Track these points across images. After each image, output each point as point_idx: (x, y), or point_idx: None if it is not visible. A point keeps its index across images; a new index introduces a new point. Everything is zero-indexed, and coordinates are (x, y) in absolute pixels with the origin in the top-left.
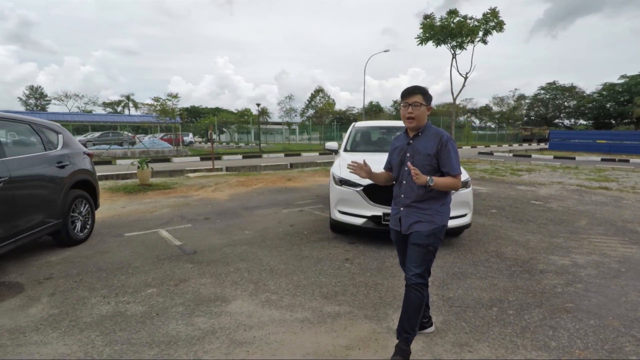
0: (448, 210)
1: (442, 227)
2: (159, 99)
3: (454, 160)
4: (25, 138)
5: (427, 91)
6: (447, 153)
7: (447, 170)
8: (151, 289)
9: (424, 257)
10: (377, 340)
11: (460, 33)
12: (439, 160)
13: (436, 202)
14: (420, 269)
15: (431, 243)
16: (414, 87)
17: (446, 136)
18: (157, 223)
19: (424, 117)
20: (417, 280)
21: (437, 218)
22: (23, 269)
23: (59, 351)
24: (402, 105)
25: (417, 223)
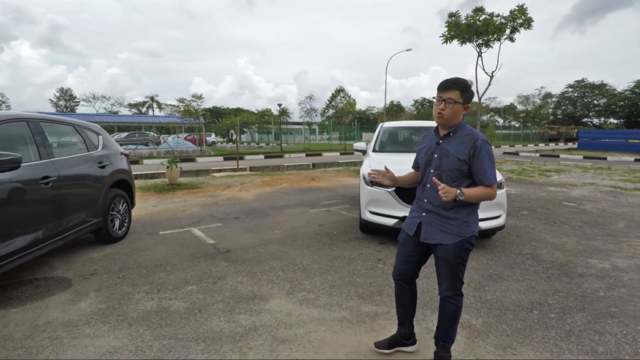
0: (476, 218)
1: (471, 238)
2: (184, 100)
3: (489, 168)
4: (70, 139)
5: (467, 87)
6: (481, 159)
7: (481, 178)
8: (191, 286)
9: (454, 270)
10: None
11: (486, 31)
12: (471, 167)
13: (463, 210)
14: (451, 282)
15: (459, 255)
16: (453, 80)
17: (481, 139)
18: (189, 222)
19: (457, 116)
20: (451, 293)
21: (465, 229)
22: (68, 265)
23: (112, 344)
24: (436, 98)
25: (441, 234)
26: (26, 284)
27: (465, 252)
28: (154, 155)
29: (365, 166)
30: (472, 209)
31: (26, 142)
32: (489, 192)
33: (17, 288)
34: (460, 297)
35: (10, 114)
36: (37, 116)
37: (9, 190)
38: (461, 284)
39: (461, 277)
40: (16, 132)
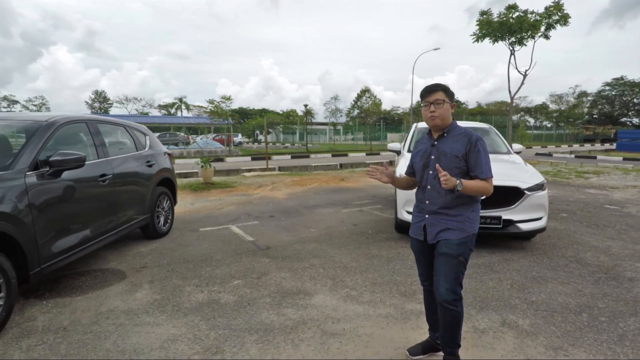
0: (478, 217)
1: (473, 236)
2: (214, 101)
3: (484, 163)
4: (121, 139)
5: (448, 88)
6: (476, 154)
7: (477, 173)
8: (237, 280)
9: (455, 269)
10: (465, 338)
11: (520, 29)
12: (467, 163)
13: (466, 208)
14: (451, 284)
15: (462, 253)
16: (434, 84)
17: (475, 136)
18: (227, 219)
19: (448, 116)
20: (449, 297)
21: (468, 225)
22: (120, 258)
23: (171, 332)
24: (422, 105)
25: (445, 231)
26: (85, 274)
27: (467, 251)
28: (184, 155)
29: (400, 166)
30: (475, 206)
31: (86, 142)
32: (485, 185)
33: (77, 278)
34: (460, 301)
35: (72, 116)
36: (94, 117)
37: (76, 187)
38: (461, 287)
39: (461, 278)
40: (77, 133)
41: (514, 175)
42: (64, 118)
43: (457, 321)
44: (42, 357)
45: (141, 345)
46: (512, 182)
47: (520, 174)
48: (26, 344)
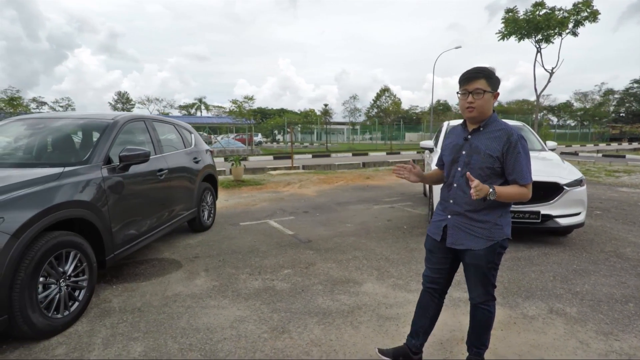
0: (509, 220)
1: (503, 241)
2: (237, 101)
3: (524, 166)
4: (172, 137)
5: (492, 73)
6: (515, 156)
7: (515, 177)
8: (286, 270)
9: (486, 277)
10: (515, 323)
11: (547, 26)
12: (504, 165)
13: (494, 212)
14: (484, 289)
15: (491, 260)
16: (476, 69)
17: (517, 135)
18: (263, 215)
19: (488, 107)
20: (483, 299)
21: (496, 233)
22: (172, 249)
23: (236, 314)
24: (460, 93)
25: (469, 239)
26: (143, 263)
27: (498, 257)
28: None
29: (433, 164)
30: (505, 210)
31: (144, 139)
32: (524, 192)
33: (137, 266)
34: (493, 302)
35: (133, 114)
36: (149, 116)
37: (140, 180)
38: (494, 287)
39: (493, 281)
40: (137, 130)
41: (552, 171)
42: (126, 116)
43: (487, 321)
44: (125, 333)
45: (213, 325)
46: (551, 178)
47: (559, 170)
48: (109, 322)
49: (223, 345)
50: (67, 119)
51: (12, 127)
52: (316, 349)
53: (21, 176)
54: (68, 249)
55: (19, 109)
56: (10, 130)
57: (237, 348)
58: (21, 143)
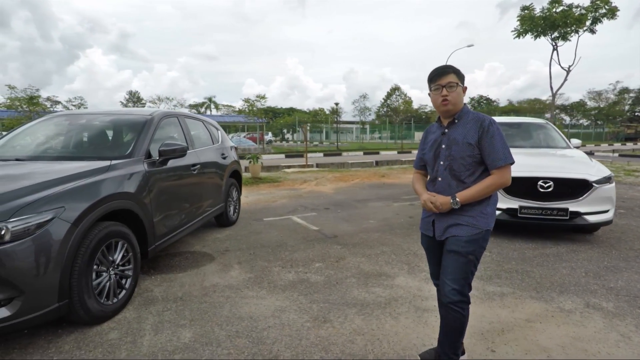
0: (493, 211)
1: (487, 233)
2: (249, 100)
3: (500, 147)
4: (201, 133)
5: (459, 70)
6: (490, 139)
7: (493, 159)
8: (317, 263)
9: (464, 269)
10: (553, 316)
11: (565, 23)
12: (481, 150)
13: (479, 202)
14: (458, 284)
15: (472, 251)
16: (445, 66)
17: (488, 119)
18: (285, 211)
19: (460, 100)
20: (455, 298)
21: (481, 221)
22: (202, 243)
23: (276, 304)
24: (433, 89)
25: (454, 226)
26: (177, 256)
27: (479, 249)
28: None
29: None
30: (490, 200)
31: (178, 134)
32: (495, 180)
33: (171, 259)
34: (467, 305)
35: (167, 111)
36: (182, 113)
37: (177, 174)
38: (469, 288)
39: (470, 279)
40: (172, 125)
41: (580, 168)
42: (162, 113)
43: (460, 325)
44: (172, 320)
45: (255, 314)
46: (579, 175)
47: (587, 167)
48: (154, 309)
49: (269, 332)
50: (107, 114)
51: (55, 123)
52: (360, 338)
53: (73, 168)
54: (117, 238)
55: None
56: (54, 125)
57: (283, 336)
58: (67, 137)
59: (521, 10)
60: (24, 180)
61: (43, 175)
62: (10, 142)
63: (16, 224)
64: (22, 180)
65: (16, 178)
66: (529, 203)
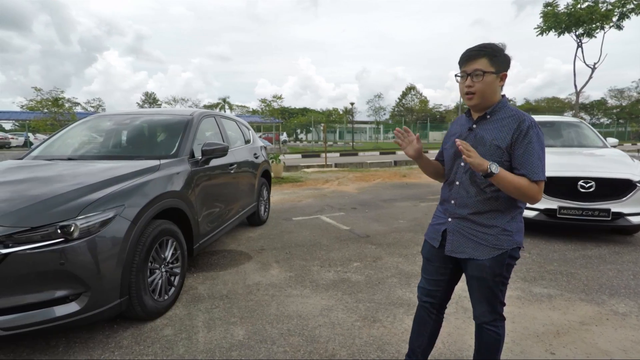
0: (521, 226)
1: (514, 251)
2: (265, 100)
3: (537, 159)
4: (235, 133)
5: (498, 50)
6: (526, 146)
7: (525, 172)
8: (355, 263)
9: (492, 292)
10: (608, 319)
11: (590, 19)
12: (513, 157)
13: (502, 216)
14: (490, 305)
15: (499, 273)
16: (478, 47)
17: (529, 121)
18: (312, 210)
19: (492, 91)
20: (489, 318)
21: (505, 240)
22: (236, 242)
23: (322, 303)
24: (459, 75)
25: (473, 246)
26: (214, 254)
27: (507, 269)
28: None
29: None
30: (515, 213)
31: (216, 134)
32: (534, 189)
33: (209, 257)
34: (501, 322)
35: (205, 111)
36: (217, 113)
37: (218, 173)
38: (502, 305)
39: (502, 297)
40: (210, 125)
41: (622, 168)
42: (201, 113)
43: (495, 344)
44: (222, 317)
45: (303, 313)
46: (622, 175)
47: (629, 166)
48: (203, 306)
49: (320, 331)
50: (148, 114)
51: (99, 123)
52: None
53: (127, 167)
54: (167, 236)
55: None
56: (99, 126)
57: (335, 334)
58: (114, 137)
59: (544, 7)
60: (83, 179)
61: (100, 174)
62: (59, 142)
63: (83, 221)
64: (80, 178)
65: (75, 177)
66: (569, 203)
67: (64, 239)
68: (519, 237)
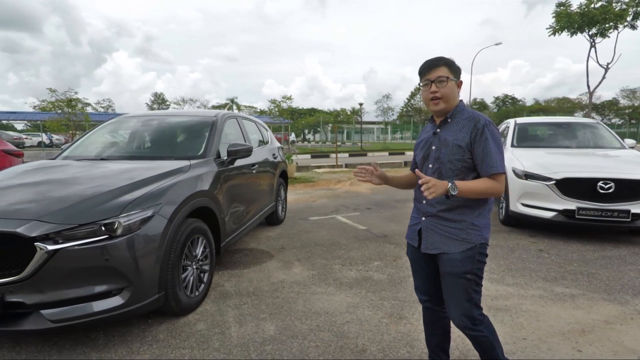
0: (487, 222)
1: (482, 246)
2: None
3: (495, 153)
4: (255, 133)
5: (453, 62)
6: (483, 143)
7: (485, 167)
8: (376, 262)
9: (465, 290)
10: (633, 319)
11: (604, 19)
12: (473, 154)
13: (470, 211)
14: (463, 308)
15: (469, 270)
16: (436, 58)
17: (484, 120)
18: (328, 210)
19: (453, 96)
20: (466, 323)
21: (473, 234)
22: (256, 241)
23: (347, 300)
24: (422, 84)
25: (444, 241)
26: (236, 253)
27: (478, 266)
28: None
29: (513, 160)
30: (483, 209)
31: (238, 134)
32: (494, 185)
33: (232, 256)
34: (481, 324)
35: (227, 113)
36: (238, 114)
37: (242, 173)
38: (477, 309)
39: (477, 299)
40: (233, 126)
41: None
42: (224, 114)
43: (488, 343)
44: (251, 313)
45: (329, 309)
46: None
47: None
48: (231, 303)
49: (349, 327)
50: (174, 116)
51: (126, 124)
52: None
53: (161, 167)
54: (198, 234)
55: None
56: (126, 127)
57: (363, 331)
58: (142, 138)
59: (556, 7)
60: (120, 178)
61: (135, 174)
62: (88, 143)
63: (125, 219)
64: (117, 178)
65: (112, 176)
66: (588, 204)
67: (108, 236)
68: (487, 233)
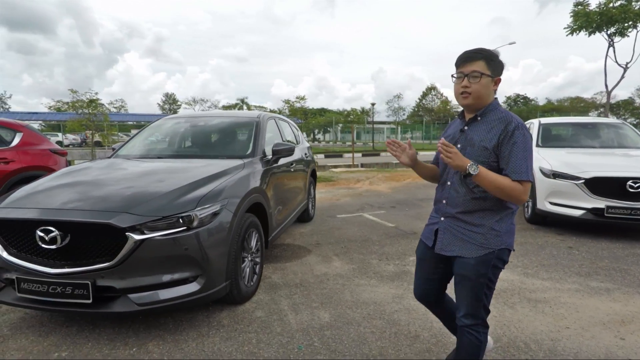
0: (509, 227)
1: (501, 252)
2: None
3: (521, 159)
4: (289, 134)
5: (494, 55)
6: (511, 147)
7: (508, 172)
8: (411, 257)
9: (476, 293)
10: None
11: (624, 18)
12: (499, 158)
13: (491, 215)
14: (470, 308)
15: (484, 274)
16: (475, 50)
17: (516, 123)
18: (353, 208)
19: (487, 93)
20: (470, 322)
21: (493, 240)
22: (292, 237)
23: (391, 292)
24: (455, 76)
25: (461, 244)
26: (276, 247)
27: (493, 271)
28: None
29: (540, 160)
30: (505, 214)
31: (276, 134)
32: (518, 188)
33: (272, 250)
34: (483, 329)
35: (267, 113)
36: (276, 115)
37: (283, 171)
38: (486, 311)
39: (486, 302)
40: (272, 126)
41: None
42: (265, 115)
43: (475, 349)
44: (303, 302)
45: (376, 300)
46: None
47: None
48: (282, 293)
49: (399, 316)
50: (219, 117)
51: (175, 125)
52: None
53: (219, 165)
54: (253, 229)
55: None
56: (175, 127)
57: (413, 319)
58: (193, 138)
59: (574, 6)
60: (187, 175)
61: (199, 171)
62: (140, 143)
63: (200, 212)
64: (183, 175)
65: (178, 173)
66: (618, 203)
67: (185, 228)
68: (509, 239)
